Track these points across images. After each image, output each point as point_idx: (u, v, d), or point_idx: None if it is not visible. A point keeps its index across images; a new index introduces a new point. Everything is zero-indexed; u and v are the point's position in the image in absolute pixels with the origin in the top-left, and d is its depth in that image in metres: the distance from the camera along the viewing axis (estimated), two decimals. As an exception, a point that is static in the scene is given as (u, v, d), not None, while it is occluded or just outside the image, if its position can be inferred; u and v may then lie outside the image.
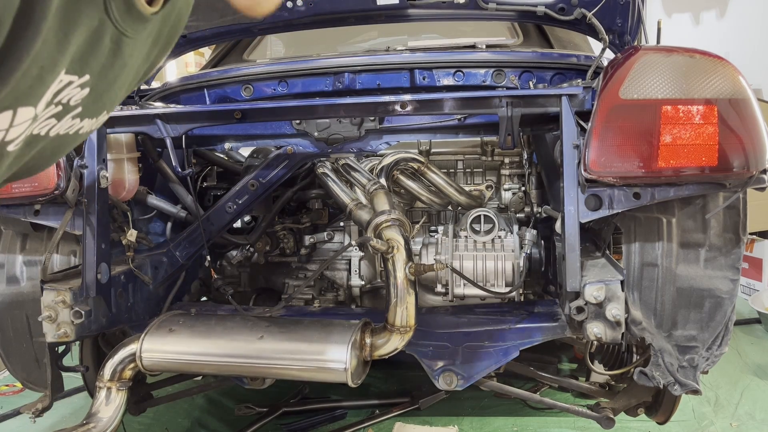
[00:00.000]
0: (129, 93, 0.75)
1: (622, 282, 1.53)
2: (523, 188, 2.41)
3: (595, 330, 1.53)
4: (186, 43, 2.11)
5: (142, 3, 0.63)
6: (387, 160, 2.23)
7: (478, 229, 2.18)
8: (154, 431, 2.42)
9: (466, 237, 2.16)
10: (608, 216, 1.52)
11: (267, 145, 2.11)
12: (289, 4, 1.88)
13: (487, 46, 2.20)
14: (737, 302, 1.57)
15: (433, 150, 2.48)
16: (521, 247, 2.11)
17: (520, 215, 2.40)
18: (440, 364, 1.69)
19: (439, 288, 2.11)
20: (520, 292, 2.07)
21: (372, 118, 1.78)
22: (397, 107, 1.64)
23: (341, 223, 2.49)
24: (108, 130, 1.75)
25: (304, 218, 2.45)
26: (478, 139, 2.44)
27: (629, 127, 1.43)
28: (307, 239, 2.43)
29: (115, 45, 0.63)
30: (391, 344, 1.62)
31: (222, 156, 2.49)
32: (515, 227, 2.22)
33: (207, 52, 4.58)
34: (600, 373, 2.00)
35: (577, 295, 1.54)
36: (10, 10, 0.50)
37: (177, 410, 2.56)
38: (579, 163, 1.49)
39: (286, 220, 2.47)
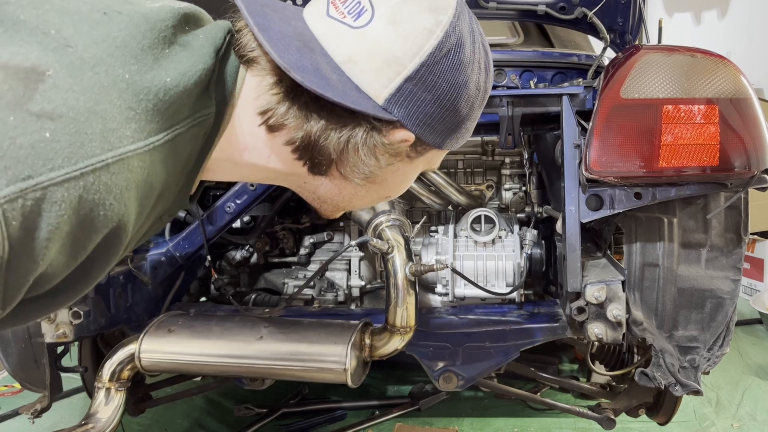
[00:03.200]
0: None
1: (623, 282, 1.52)
2: (523, 188, 2.40)
3: (596, 330, 1.53)
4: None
5: (191, 194, 0.79)
6: (387, 160, 2.22)
7: (478, 229, 2.17)
8: (154, 432, 2.42)
9: (466, 237, 2.15)
10: (609, 216, 1.51)
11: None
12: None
13: (488, 46, 2.19)
14: (738, 302, 1.56)
15: (433, 150, 2.47)
16: (522, 248, 2.10)
17: (521, 215, 2.39)
18: (440, 364, 1.68)
19: (440, 288, 2.10)
20: (521, 292, 2.06)
21: (372, 118, 1.77)
22: (397, 107, 1.63)
23: (341, 223, 2.49)
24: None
25: (304, 218, 2.44)
26: (479, 138, 2.43)
27: (630, 126, 1.42)
28: (307, 239, 2.42)
29: (151, 234, 0.77)
30: (391, 345, 1.62)
31: (222, 156, 2.49)
32: (516, 227, 2.22)
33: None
34: (601, 373, 1.99)
35: (578, 295, 1.53)
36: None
37: (176, 411, 2.55)
38: (580, 162, 1.48)
39: (285, 220, 2.46)
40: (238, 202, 2.06)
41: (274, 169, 0.75)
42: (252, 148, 0.73)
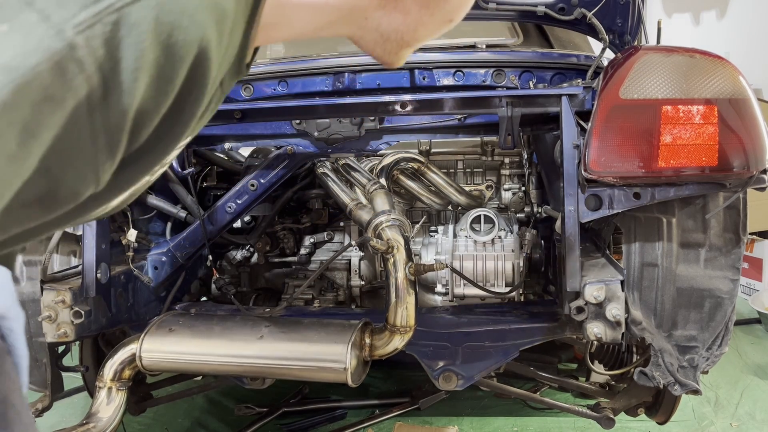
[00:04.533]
0: None
1: (622, 282, 1.53)
2: (523, 188, 2.41)
3: (595, 330, 1.53)
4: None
5: (247, 62, 0.64)
6: (387, 160, 2.23)
7: (478, 229, 2.18)
8: (154, 431, 2.42)
9: (466, 237, 2.16)
10: (608, 216, 1.52)
11: (267, 145, 2.11)
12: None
13: (487, 46, 2.20)
14: (737, 302, 1.57)
15: (433, 150, 2.48)
16: (521, 247, 2.11)
17: (520, 215, 2.40)
18: (440, 364, 1.69)
19: (439, 288, 2.11)
20: (520, 292, 2.07)
21: (372, 118, 1.77)
22: (397, 107, 1.64)
23: (341, 223, 2.49)
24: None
25: (304, 218, 2.45)
26: (478, 139, 2.43)
27: (629, 127, 1.43)
28: (307, 239, 2.43)
29: (214, 105, 0.64)
30: (391, 344, 1.62)
31: (222, 156, 2.49)
32: (515, 227, 2.22)
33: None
34: (600, 373, 2.00)
35: (577, 295, 1.54)
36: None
37: (177, 410, 2.56)
38: (579, 163, 1.48)
39: (286, 220, 2.47)
40: (238, 202, 2.06)
41: (334, 5, 0.67)
42: None
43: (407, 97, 1.62)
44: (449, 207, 2.36)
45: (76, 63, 0.45)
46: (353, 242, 2.18)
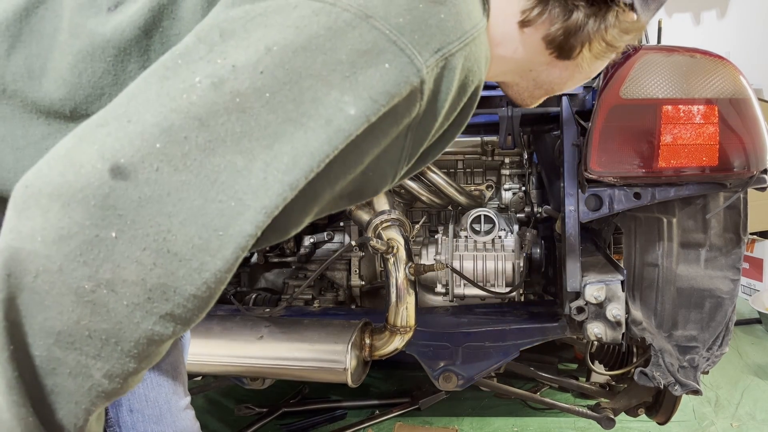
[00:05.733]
0: None
1: (622, 282, 1.53)
2: (523, 188, 2.41)
3: (596, 330, 1.53)
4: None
5: None
6: (387, 160, 2.23)
7: (478, 229, 2.18)
8: (154, 431, 2.42)
9: (466, 237, 2.16)
10: (608, 216, 1.52)
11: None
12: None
13: (488, 46, 2.19)
14: (738, 302, 1.57)
15: (433, 150, 2.48)
16: (521, 247, 2.10)
17: (521, 215, 2.40)
18: (440, 364, 1.69)
19: (439, 288, 2.11)
20: (521, 292, 2.07)
21: (372, 118, 1.77)
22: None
23: (341, 223, 2.49)
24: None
25: (304, 218, 2.45)
26: (478, 139, 2.43)
27: (630, 126, 1.43)
28: (307, 239, 2.42)
29: None
30: (391, 344, 1.62)
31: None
32: (515, 227, 2.22)
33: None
34: (600, 373, 2.00)
35: (578, 295, 1.53)
36: None
37: (177, 410, 2.56)
38: (579, 162, 1.48)
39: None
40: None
41: (515, 59, 0.81)
42: (504, 41, 0.78)
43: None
44: (449, 207, 2.35)
45: (420, 94, 0.62)
46: (353, 242, 2.18)
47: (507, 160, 2.44)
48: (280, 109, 0.55)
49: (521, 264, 2.02)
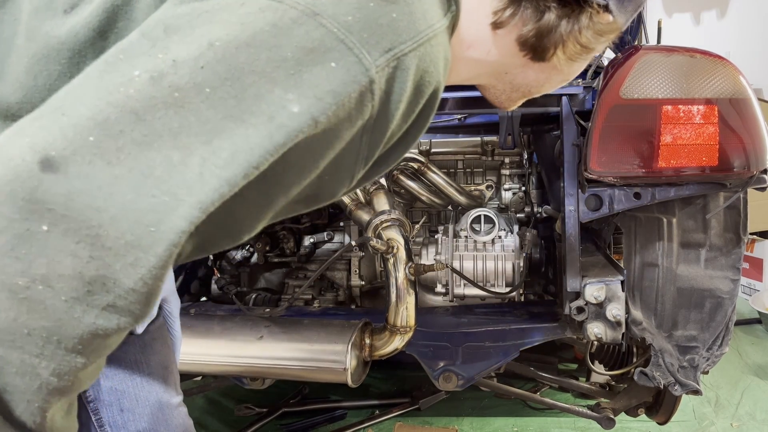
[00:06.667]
0: None
1: (622, 282, 1.53)
2: (523, 188, 2.41)
3: (596, 330, 1.53)
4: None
5: None
6: (387, 160, 2.22)
7: (478, 229, 2.18)
8: (154, 431, 2.42)
9: (466, 237, 2.16)
10: (608, 216, 1.52)
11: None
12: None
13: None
14: (738, 302, 1.57)
15: (433, 150, 2.48)
16: (521, 247, 2.10)
17: (521, 215, 2.40)
18: (440, 364, 1.69)
19: (439, 288, 2.11)
20: (521, 292, 2.07)
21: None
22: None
23: (341, 223, 2.49)
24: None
25: (304, 218, 2.45)
26: (478, 139, 2.43)
27: (630, 126, 1.43)
28: (307, 239, 2.42)
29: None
30: (391, 344, 1.62)
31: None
32: (515, 227, 2.22)
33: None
34: (600, 373, 2.00)
35: (578, 295, 1.53)
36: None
37: (177, 410, 2.56)
38: (579, 162, 1.48)
39: (285, 220, 2.46)
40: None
41: (489, 62, 0.80)
42: (476, 43, 0.78)
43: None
44: (449, 207, 2.35)
45: (371, 94, 0.60)
46: (353, 242, 2.18)
47: (507, 160, 2.44)
48: (220, 105, 0.54)
49: (521, 264, 2.01)
